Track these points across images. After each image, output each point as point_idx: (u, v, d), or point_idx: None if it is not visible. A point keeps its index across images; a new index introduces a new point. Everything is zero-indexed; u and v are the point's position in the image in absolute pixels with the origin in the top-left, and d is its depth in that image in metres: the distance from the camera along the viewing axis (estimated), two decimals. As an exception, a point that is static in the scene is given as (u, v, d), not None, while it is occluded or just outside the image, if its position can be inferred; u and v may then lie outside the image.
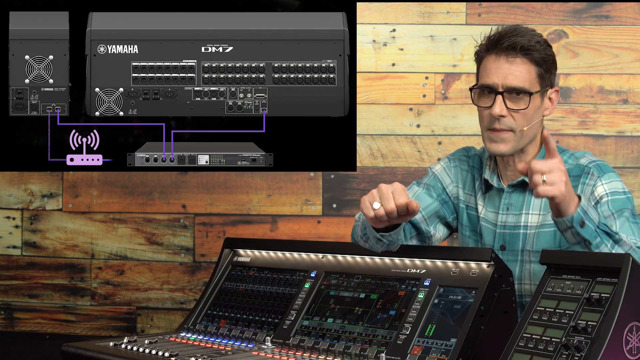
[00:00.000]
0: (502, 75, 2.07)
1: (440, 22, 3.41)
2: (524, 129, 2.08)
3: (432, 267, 1.95)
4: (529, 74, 2.07)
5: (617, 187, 2.07)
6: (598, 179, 2.08)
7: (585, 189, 2.08)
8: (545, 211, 2.13)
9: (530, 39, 2.08)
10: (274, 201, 3.49)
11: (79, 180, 3.56)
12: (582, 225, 1.86)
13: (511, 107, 2.07)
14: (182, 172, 3.51)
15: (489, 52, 2.11)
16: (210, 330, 2.19)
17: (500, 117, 2.07)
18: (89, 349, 2.05)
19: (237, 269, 2.35)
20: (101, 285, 3.57)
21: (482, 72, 2.12)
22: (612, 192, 2.05)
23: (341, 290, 2.07)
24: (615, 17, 3.33)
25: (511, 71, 2.07)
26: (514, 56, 2.07)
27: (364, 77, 3.44)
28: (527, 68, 2.07)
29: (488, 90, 2.10)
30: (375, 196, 1.90)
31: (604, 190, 2.06)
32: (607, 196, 2.05)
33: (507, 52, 2.07)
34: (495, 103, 2.07)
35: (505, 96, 2.07)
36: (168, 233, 3.53)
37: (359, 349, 1.88)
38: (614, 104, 3.35)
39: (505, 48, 2.06)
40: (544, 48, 2.10)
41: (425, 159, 3.42)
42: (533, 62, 2.08)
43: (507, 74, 2.07)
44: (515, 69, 2.07)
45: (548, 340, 1.59)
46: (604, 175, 2.08)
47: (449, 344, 1.77)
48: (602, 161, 2.15)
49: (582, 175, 2.10)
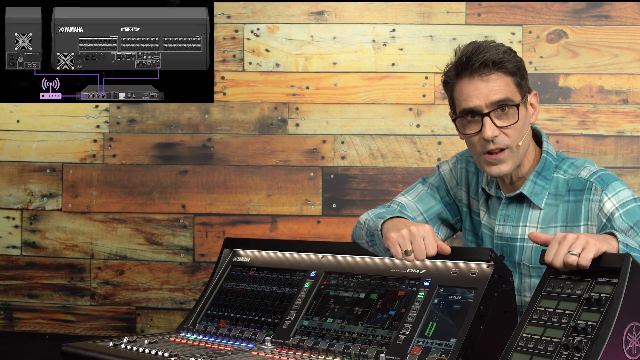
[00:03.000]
0: (483, 95, 1.98)
1: (440, 22, 3.40)
2: (520, 144, 2.02)
3: (432, 267, 1.95)
4: (508, 86, 2.00)
5: (627, 197, 1.99)
6: (603, 193, 2.00)
7: (591, 205, 2.01)
8: (543, 225, 2.07)
9: (497, 51, 2.00)
10: (273, 201, 3.49)
11: (79, 180, 3.56)
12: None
13: (501, 125, 1.99)
14: (181, 173, 3.50)
15: (460, 76, 2.01)
16: (210, 330, 2.20)
17: (493, 137, 1.99)
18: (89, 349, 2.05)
19: (236, 269, 2.35)
20: (101, 285, 3.57)
21: (459, 98, 2.02)
22: (623, 204, 1.98)
23: (341, 290, 2.06)
24: (615, 17, 3.33)
25: (490, 88, 1.98)
26: (487, 73, 1.98)
27: (364, 77, 3.44)
28: (504, 81, 1.99)
29: (472, 115, 2.01)
30: (406, 240, 1.88)
31: (612, 205, 1.98)
32: (617, 210, 1.97)
33: (480, 70, 1.98)
34: (484, 126, 1.98)
35: (492, 115, 1.98)
36: (168, 233, 3.53)
37: (358, 349, 1.88)
38: (614, 104, 3.34)
39: (478, 67, 1.98)
40: (513, 56, 2.01)
41: (425, 159, 3.41)
42: (508, 74, 1.99)
43: (487, 92, 1.98)
44: (493, 85, 1.98)
45: (548, 340, 1.58)
46: (607, 188, 2.00)
47: (449, 344, 1.77)
48: (604, 170, 2.07)
49: (585, 191, 2.03)
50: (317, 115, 3.47)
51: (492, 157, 2.01)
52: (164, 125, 3.53)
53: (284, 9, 3.47)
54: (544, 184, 2.07)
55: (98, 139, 3.56)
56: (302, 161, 3.48)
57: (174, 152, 3.53)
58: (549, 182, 2.07)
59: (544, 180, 2.07)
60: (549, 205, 2.07)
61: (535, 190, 2.07)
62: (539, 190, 2.07)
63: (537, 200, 2.07)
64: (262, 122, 3.49)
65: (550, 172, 2.08)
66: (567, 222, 2.04)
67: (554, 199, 2.07)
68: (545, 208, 2.07)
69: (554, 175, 2.08)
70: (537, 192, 2.07)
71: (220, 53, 3.48)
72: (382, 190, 3.43)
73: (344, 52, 3.46)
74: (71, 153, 3.57)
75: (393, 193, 3.28)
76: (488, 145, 2.00)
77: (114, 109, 3.54)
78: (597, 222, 1.99)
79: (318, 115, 3.47)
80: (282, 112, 3.48)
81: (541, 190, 2.07)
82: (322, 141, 3.46)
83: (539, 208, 2.08)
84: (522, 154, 2.04)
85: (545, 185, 2.07)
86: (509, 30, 3.37)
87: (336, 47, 3.46)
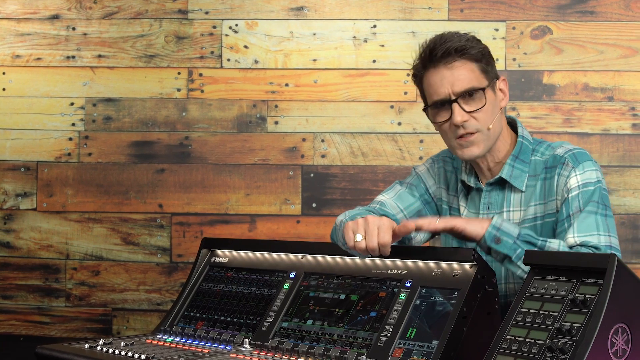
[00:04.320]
0: (449, 83, 2.06)
1: (422, 17, 3.40)
2: (490, 127, 2.08)
3: (413, 268, 1.94)
4: (473, 72, 2.07)
5: (590, 178, 2.06)
6: (572, 170, 2.06)
7: (559, 180, 2.08)
8: (525, 206, 2.13)
9: (459, 39, 2.07)
10: (252, 200, 3.48)
11: (54, 179, 3.54)
12: (497, 242, 1.89)
13: (470, 109, 2.06)
14: (158, 171, 3.49)
15: (427, 68, 2.09)
16: (187, 332, 2.19)
17: (463, 122, 2.06)
18: (64, 351, 2.03)
19: (214, 270, 2.34)
20: (76, 286, 3.55)
21: (428, 90, 2.11)
22: (584, 184, 2.04)
23: (321, 292, 2.05)
24: (600, 12, 3.34)
25: (455, 76, 2.05)
26: (451, 61, 2.06)
27: (344, 74, 3.44)
28: (468, 67, 2.07)
29: (441, 103, 2.09)
30: (360, 227, 1.91)
31: (576, 182, 2.05)
32: (578, 189, 2.04)
33: (444, 59, 2.06)
34: (453, 112, 2.06)
35: (460, 102, 2.06)
36: (144, 233, 3.52)
37: (339, 351, 1.87)
38: (599, 102, 3.35)
39: (441, 56, 2.05)
40: (476, 43, 2.09)
41: (406, 157, 3.41)
42: (472, 60, 2.07)
43: (453, 80, 2.05)
44: (458, 72, 2.06)
45: (532, 342, 1.57)
46: (578, 166, 2.07)
47: (431, 346, 1.76)
48: (580, 149, 2.13)
49: (557, 165, 2.09)
50: (296, 113, 3.46)
51: (464, 140, 2.08)
52: (141, 123, 3.51)
53: (263, 5, 3.46)
54: (523, 167, 2.13)
55: (73, 137, 3.53)
56: (282, 160, 3.46)
57: (151, 151, 3.51)
58: (527, 165, 2.13)
59: (522, 163, 2.13)
60: (529, 186, 2.13)
61: (515, 174, 2.13)
62: (518, 174, 2.13)
63: (517, 183, 2.13)
64: (241, 120, 3.48)
65: (528, 156, 2.14)
66: (544, 198, 2.10)
67: (532, 180, 2.13)
68: (526, 190, 2.13)
69: (532, 159, 2.15)
70: (516, 175, 2.13)
71: (198, 49, 3.48)
72: (363, 190, 3.43)
73: (324, 48, 3.46)
74: (46, 151, 3.54)
75: (374, 192, 3.29)
76: (459, 130, 2.07)
77: (90, 106, 3.52)
78: (561, 196, 2.07)
79: (298, 113, 3.46)
80: (261, 109, 3.47)
81: (520, 173, 2.13)
82: (302, 139, 3.45)
83: (520, 191, 2.14)
84: (493, 137, 2.10)
85: (524, 169, 2.13)
86: (492, 26, 3.37)
87: (316, 43, 3.46)
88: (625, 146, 3.31)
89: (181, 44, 3.49)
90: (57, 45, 3.53)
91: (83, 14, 3.52)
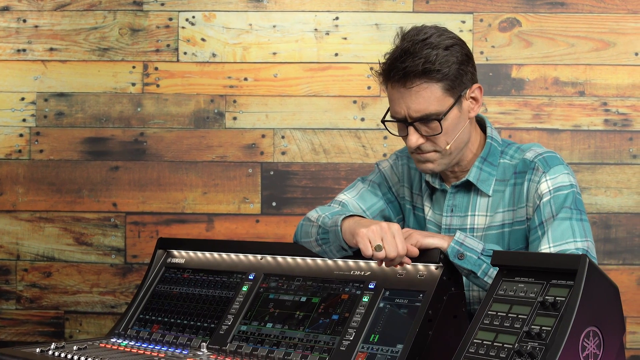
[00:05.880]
0: (405, 105, 1.95)
1: (385, 9, 3.37)
2: (448, 148, 2.00)
3: (377, 269, 1.94)
4: (433, 94, 1.94)
5: (563, 182, 1.99)
6: (543, 175, 2.00)
7: (530, 186, 2.02)
8: (492, 212, 2.07)
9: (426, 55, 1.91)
10: (209, 199, 3.44)
11: (4, 177, 3.47)
12: (460, 258, 1.85)
13: (427, 133, 1.98)
14: (112, 169, 3.44)
15: (386, 81, 1.99)
16: (142, 335, 2.20)
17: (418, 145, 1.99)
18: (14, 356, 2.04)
19: (170, 271, 2.34)
20: (27, 288, 3.50)
21: (389, 101, 2.02)
22: (556, 189, 1.98)
23: (281, 294, 2.05)
24: (571, 4, 3.34)
25: (413, 99, 1.93)
26: (411, 82, 1.93)
27: (305, 68, 3.41)
28: (429, 90, 1.93)
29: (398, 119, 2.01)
30: (377, 236, 1.84)
31: (547, 187, 1.99)
32: (549, 194, 1.98)
33: (403, 80, 1.94)
34: (409, 134, 1.98)
35: (417, 125, 1.97)
36: (98, 233, 3.47)
37: (299, 355, 1.86)
38: (570, 97, 3.35)
39: (400, 77, 1.94)
40: (443, 59, 1.92)
41: (370, 154, 3.39)
42: (434, 81, 1.92)
43: (409, 103, 1.94)
44: (416, 96, 1.93)
45: (500, 346, 1.56)
46: (549, 171, 2.00)
47: (395, 350, 1.75)
48: (551, 152, 2.06)
49: (527, 171, 2.03)
50: (255, 108, 3.43)
51: (421, 156, 2.03)
52: (94, 119, 3.46)
53: (221, -4, 3.45)
54: (491, 170, 2.08)
55: (24, 133, 3.47)
56: (240, 157, 3.42)
57: (105, 147, 3.46)
58: (495, 168, 2.08)
59: (489, 166, 2.08)
60: (497, 191, 2.08)
61: (482, 177, 2.08)
62: (486, 177, 2.08)
63: (484, 187, 2.07)
64: (198, 116, 3.44)
65: (496, 158, 2.09)
66: (514, 205, 2.05)
67: (501, 185, 2.08)
68: (493, 195, 2.08)
69: (500, 161, 2.09)
70: (483, 179, 2.07)
71: (154, 42, 3.43)
72: (325, 188, 3.40)
73: (284, 41, 3.42)
74: (-5, 148, 3.49)
75: (336, 190, 3.28)
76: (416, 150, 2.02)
77: (41, 101, 3.46)
78: (532, 203, 2.02)
79: (257, 109, 3.42)
80: (218, 104, 3.43)
81: (488, 176, 2.08)
82: (261, 136, 3.42)
83: (486, 195, 2.08)
84: (456, 151, 2.03)
85: (492, 172, 2.08)
86: (459, 18, 3.35)
87: (276, 36, 3.42)
88: (597, 143, 3.32)
89: (136, 37, 3.43)
90: (7, 38, 3.46)
91: (34, 5, 3.45)
